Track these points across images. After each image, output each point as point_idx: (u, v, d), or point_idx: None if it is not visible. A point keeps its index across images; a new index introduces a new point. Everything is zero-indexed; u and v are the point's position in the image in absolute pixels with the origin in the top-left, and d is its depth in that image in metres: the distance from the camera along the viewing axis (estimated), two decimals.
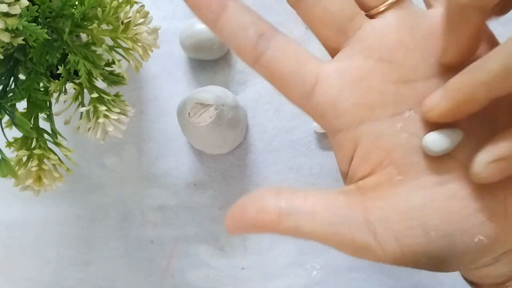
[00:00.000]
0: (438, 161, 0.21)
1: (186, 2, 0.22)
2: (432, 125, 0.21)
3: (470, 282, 0.24)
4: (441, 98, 0.20)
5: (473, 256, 0.21)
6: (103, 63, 0.30)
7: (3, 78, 0.29)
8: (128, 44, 0.29)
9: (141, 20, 0.30)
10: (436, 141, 0.21)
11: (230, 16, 0.22)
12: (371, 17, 0.23)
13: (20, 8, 0.25)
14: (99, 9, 0.28)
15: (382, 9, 0.22)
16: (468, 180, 0.20)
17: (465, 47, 0.21)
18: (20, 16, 0.26)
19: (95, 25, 0.28)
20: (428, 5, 0.23)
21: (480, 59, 0.19)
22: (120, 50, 0.30)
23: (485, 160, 0.19)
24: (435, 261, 0.20)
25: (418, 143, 0.21)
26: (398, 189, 0.21)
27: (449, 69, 0.21)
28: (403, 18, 0.22)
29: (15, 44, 0.27)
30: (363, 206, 0.21)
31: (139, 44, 0.30)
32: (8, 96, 0.29)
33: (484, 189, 0.20)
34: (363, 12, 0.23)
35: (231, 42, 0.22)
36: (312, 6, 0.22)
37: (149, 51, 0.30)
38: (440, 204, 0.20)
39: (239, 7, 0.22)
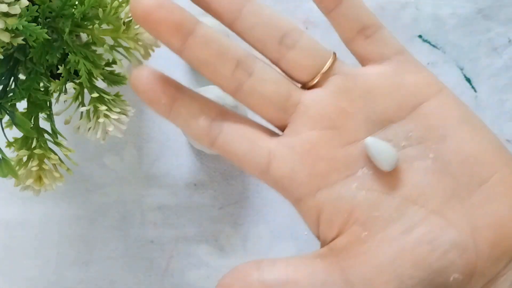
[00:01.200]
0: (398, 210, 0.21)
1: (138, 95, 0.22)
2: (386, 179, 0.22)
3: None
4: None
5: None
6: (103, 63, 0.30)
7: (3, 78, 0.29)
8: (130, 44, 0.29)
9: None
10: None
11: (180, 107, 0.22)
12: (307, 88, 0.23)
13: (20, 8, 0.25)
14: (100, 9, 0.28)
15: (316, 81, 0.23)
16: (431, 222, 0.21)
17: None
18: (20, 16, 0.26)
19: (96, 25, 0.28)
20: (362, 62, 0.24)
21: None
22: (121, 50, 0.30)
23: None
24: None
25: (377, 197, 0.22)
26: (367, 245, 0.21)
27: (391, 122, 0.22)
28: (337, 83, 0.23)
29: (15, 44, 0.27)
30: (339, 267, 0.21)
31: (140, 43, 0.30)
32: (8, 96, 0.29)
33: (449, 227, 0.21)
34: (298, 86, 0.23)
35: (186, 131, 0.23)
36: (249, 95, 0.23)
37: (150, 51, 0.30)
38: (409, 252, 0.21)
39: (187, 97, 0.23)
